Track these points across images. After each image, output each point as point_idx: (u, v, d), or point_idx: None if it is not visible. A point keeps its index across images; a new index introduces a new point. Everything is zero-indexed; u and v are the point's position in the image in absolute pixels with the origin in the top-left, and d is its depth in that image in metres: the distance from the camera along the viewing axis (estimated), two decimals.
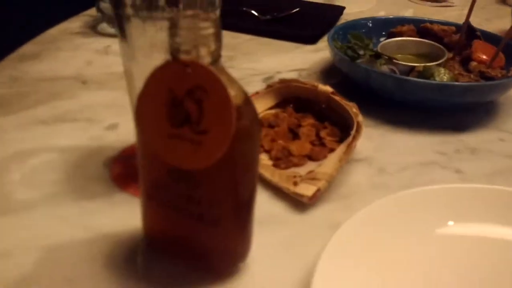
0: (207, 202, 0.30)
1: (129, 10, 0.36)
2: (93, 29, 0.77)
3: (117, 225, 0.37)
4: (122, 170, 0.44)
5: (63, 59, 0.67)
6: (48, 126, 0.50)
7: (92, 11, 0.82)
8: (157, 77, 0.28)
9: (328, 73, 0.66)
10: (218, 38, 0.27)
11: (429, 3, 1.02)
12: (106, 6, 0.74)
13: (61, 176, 0.42)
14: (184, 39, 0.27)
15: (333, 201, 0.41)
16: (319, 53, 0.73)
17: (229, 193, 0.30)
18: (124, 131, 0.50)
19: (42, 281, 0.32)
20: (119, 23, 0.37)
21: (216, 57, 0.28)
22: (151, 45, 0.38)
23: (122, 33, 0.38)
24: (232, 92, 0.26)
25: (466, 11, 0.63)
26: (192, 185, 0.30)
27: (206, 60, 0.27)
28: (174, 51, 0.27)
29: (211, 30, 0.27)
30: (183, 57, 0.27)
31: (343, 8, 0.88)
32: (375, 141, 0.50)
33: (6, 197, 0.40)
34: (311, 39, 0.76)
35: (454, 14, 0.93)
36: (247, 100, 0.29)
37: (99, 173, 0.43)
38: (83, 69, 0.64)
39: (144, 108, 0.29)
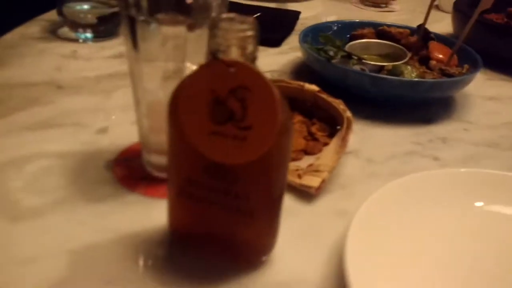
0: (244, 195, 0.31)
1: (135, 13, 0.37)
2: (53, 33, 0.75)
3: (136, 224, 0.38)
4: (126, 172, 0.43)
5: (29, 64, 0.64)
6: (34, 132, 0.49)
7: (49, 15, 0.80)
8: (197, 77, 0.29)
9: (298, 73, 0.69)
10: (255, 40, 0.29)
11: (372, 8, 1.09)
12: (68, 10, 0.72)
13: (65, 181, 0.42)
14: (224, 41, 0.28)
15: (334, 191, 0.44)
16: (284, 55, 0.76)
17: (265, 186, 0.32)
18: (116, 135, 0.49)
19: (78, 283, 0.32)
20: (129, 25, 0.38)
21: (252, 59, 0.29)
22: (160, 48, 0.39)
23: (132, 36, 0.38)
24: None
25: (406, 16, 0.70)
26: (230, 180, 0.31)
27: (244, 61, 0.29)
28: (213, 52, 0.29)
29: (250, 33, 0.29)
30: (224, 57, 0.29)
31: (299, 12, 0.92)
32: (357, 134, 0.54)
33: (15, 204, 0.38)
34: (275, 42, 0.79)
35: (396, 18, 1.01)
36: (281, 96, 0.31)
37: (103, 176, 0.43)
38: (55, 74, 0.62)
39: (182, 108, 0.30)
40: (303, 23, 0.86)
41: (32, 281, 0.32)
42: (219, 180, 0.31)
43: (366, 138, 0.54)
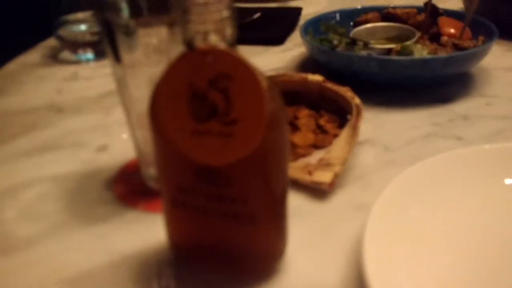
0: (241, 199, 0.28)
1: (112, 16, 0.35)
2: (54, 59, 0.74)
3: (137, 243, 0.35)
4: (126, 188, 0.41)
5: (29, 90, 0.63)
6: (32, 157, 0.47)
7: (48, 42, 0.79)
8: (173, 72, 0.26)
9: (303, 68, 0.66)
10: (232, 22, 0.26)
11: None
12: (65, 33, 0.71)
13: (62, 205, 0.39)
14: (198, 26, 0.26)
15: (350, 184, 0.41)
16: (288, 52, 0.73)
17: (262, 187, 0.28)
18: (116, 151, 0.47)
19: None
20: (107, 31, 0.35)
21: (232, 43, 0.27)
22: (143, 54, 0.36)
23: (111, 44, 0.36)
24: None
25: None
26: (223, 183, 0.28)
27: (222, 46, 0.26)
28: (188, 41, 0.26)
29: (225, 14, 0.26)
30: (200, 45, 0.26)
31: (301, 9, 0.89)
32: (370, 122, 0.50)
33: (6, 236, 0.36)
34: (278, 40, 0.76)
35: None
36: (271, 83, 0.27)
37: (102, 195, 0.40)
38: (55, 97, 0.60)
39: (161, 108, 0.27)
40: (306, 20, 0.83)
41: None
42: (211, 185, 0.28)
43: (380, 125, 0.50)
